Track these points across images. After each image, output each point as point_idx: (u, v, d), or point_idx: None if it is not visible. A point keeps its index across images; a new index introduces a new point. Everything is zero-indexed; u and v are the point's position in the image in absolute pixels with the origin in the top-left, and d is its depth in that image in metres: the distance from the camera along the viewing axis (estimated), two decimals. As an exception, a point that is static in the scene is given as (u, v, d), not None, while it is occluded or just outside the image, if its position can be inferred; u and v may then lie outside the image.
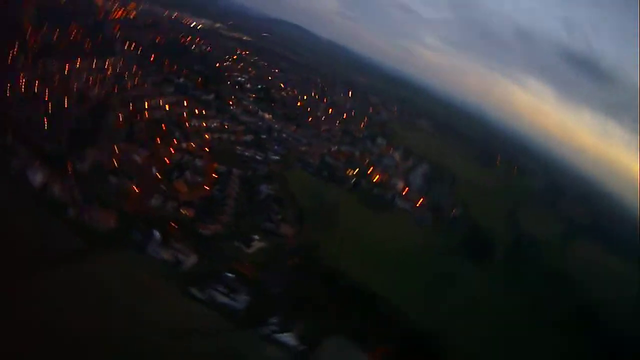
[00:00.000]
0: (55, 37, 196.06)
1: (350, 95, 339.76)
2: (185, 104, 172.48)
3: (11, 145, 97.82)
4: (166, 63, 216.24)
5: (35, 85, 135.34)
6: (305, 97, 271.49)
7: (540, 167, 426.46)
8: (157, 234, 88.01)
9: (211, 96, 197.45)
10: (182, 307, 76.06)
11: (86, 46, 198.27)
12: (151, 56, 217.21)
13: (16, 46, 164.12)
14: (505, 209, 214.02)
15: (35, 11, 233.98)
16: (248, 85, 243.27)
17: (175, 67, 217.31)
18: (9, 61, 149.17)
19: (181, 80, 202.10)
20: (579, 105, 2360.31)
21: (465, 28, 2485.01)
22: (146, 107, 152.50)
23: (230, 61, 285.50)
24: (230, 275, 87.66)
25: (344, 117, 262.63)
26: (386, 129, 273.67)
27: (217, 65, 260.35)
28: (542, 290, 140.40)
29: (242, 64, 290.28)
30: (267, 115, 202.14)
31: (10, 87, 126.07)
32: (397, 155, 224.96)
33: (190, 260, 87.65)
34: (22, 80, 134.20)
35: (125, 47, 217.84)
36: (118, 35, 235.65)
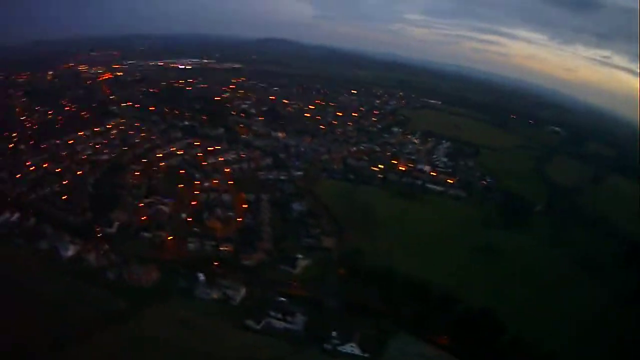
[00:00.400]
0: (49, 116, 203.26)
1: (354, 92, 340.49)
2: (197, 144, 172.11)
3: (35, 227, 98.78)
4: (167, 111, 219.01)
5: (44, 165, 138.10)
6: (311, 107, 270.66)
7: (553, 113, 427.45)
8: (201, 276, 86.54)
9: (220, 130, 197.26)
10: (242, 341, 73.40)
11: (84, 116, 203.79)
12: (151, 108, 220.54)
13: (15, 135, 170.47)
14: (531, 166, 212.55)
15: (25, 96, 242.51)
16: (253, 110, 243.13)
17: (177, 112, 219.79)
18: (12, 150, 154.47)
19: (186, 123, 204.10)
20: (572, 43, 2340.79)
21: None
22: (160, 157, 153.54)
23: (229, 92, 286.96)
24: (282, 299, 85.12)
25: (355, 115, 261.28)
26: (398, 117, 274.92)
27: (218, 99, 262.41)
28: (588, 242, 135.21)
29: (241, 91, 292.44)
30: (280, 134, 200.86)
31: (20, 174, 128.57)
32: (416, 140, 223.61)
33: (240, 293, 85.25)
34: (30, 165, 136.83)
35: (122, 106, 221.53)
36: (112, 97, 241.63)
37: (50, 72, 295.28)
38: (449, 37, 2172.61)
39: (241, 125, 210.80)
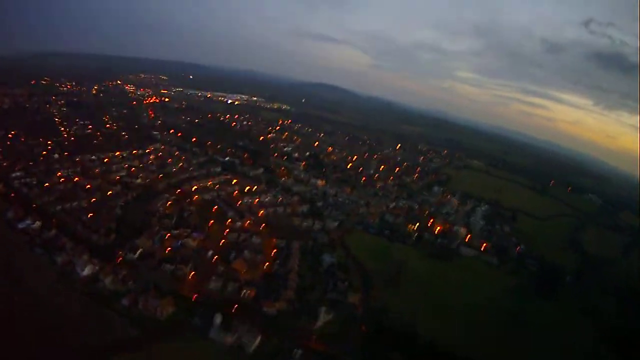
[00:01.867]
0: (89, 130, 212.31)
1: (398, 147, 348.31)
2: (234, 182, 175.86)
3: (56, 238, 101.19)
4: (209, 143, 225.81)
5: (75, 179, 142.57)
6: (355, 157, 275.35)
7: (592, 181, 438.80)
8: (218, 317, 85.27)
9: (260, 170, 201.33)
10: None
11: (124, 136, 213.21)
12: (193, 138, 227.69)
13: (50, 144, 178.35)
14: (567, 235, 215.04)
15: (67, 106, 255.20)
16: (296, 154, 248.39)
17: (219, 146, 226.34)
18: (45, 158, 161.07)
19: (227, 158, 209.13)
20: (616, 108, 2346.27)
21: (495, 53, 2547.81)
22: (195, 189, 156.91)
23: (274, 132, 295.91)
24: (299, 351, 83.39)
25: (397, 170, 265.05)
26: (440, 176, 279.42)
27: (262, 138, 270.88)
28: (617, 315, 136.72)
29: (286, 134, 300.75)
30: (319, 182, 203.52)
31: (49, 183, 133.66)
32: (455, 201, 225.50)
33: (255, 341, 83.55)
34: (60, 175, 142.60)
35: (165, 133, 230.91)
36: (155, 121, 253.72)
37: (96, 87, 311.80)
38: (498, 97, 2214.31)
39: (282, 168, 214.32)
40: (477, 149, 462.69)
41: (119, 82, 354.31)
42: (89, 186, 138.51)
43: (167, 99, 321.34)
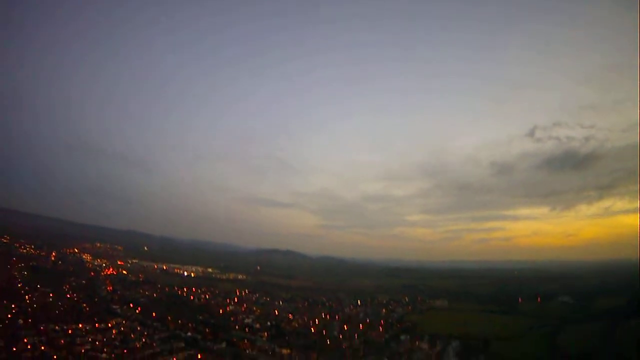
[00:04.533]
0: (50, 298, 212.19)
1: (359, 303, 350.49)
2: (199, 357, 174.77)
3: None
4: (170, 318, 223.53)
5: (42, 347, 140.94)
6: (317, 321, 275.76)
7: (560, 284, 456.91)
8: None
9: (223, 345, 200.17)
10: None
11: (85, 308, 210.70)
12: (153, 313, 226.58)
13: (15, 307, 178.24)
14: (544, 344, 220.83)
15: (28, 270, 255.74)
16: (257, 325, 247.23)
17: (180, 321, 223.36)
18: (10, 321, 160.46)
19: (189, 334, 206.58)
20: (573, 205, 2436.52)
21: (444, 190, 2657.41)
22: None
23: (232, 304, 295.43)
24: None
25: (361, 327, 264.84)
26: (405, 324, 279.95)
27: (221, 311, 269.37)
28: None
29: (245, 305, 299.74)
30: (284, 351, 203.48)
31: (16, 348, 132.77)
32: (424, 345, 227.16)
33: None
34: (27, 342, 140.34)
35: (125, 307, 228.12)
36: (114, 294, 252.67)
37: (54, 253, 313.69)
38: (451, 232, 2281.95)
39: (245, 341, 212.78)
40: (437, 288, 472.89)
41: (76, 250, 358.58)
42: (55, 357, 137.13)
43: (124, 271, 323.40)
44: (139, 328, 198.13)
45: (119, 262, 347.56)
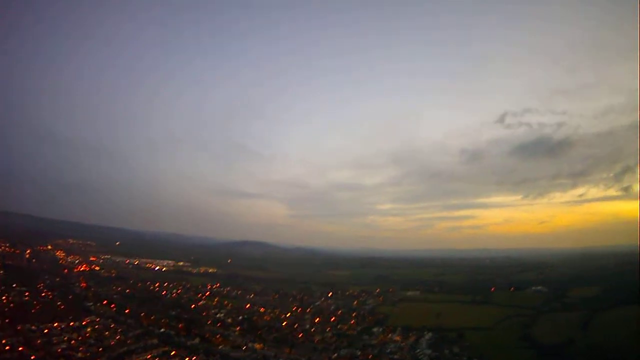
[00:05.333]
0: (26, 298, 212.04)
1: (330, 295, 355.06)
2: (173, 353, 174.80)
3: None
4: (143, 315, 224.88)
5: (20, 348, 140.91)
6: (288, 314, 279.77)
7: (534, 273, 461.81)
8: None
9: (196, 340, 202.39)
10: None
11: (60, 306, 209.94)
12: (126, 310, 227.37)
13: None
14: (519, 335, 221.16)
15: (2, 269, 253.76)
16: (229, 320, 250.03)
17: (153, 317, 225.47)
18: None
19: (162, 330, 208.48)
20: (547, 193, 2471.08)
21: (414, 178, 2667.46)
22: None
23: (204, 299, 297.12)
24: None
25: (332, 320, 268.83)
26: (377, 316, 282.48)
27: (193, 306, 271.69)
28: None
29: (217, 299, 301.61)
30: (257, 346, 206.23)
31: None
32: (397, 337, 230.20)
33: None
34: (5, 343, 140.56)
35: (99, 304, 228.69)
36: (88, 291, 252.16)
37: (29, 251, 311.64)
38: (422, 220, 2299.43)
39: (218, 336, 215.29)
40: (409, 278, 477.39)
41: (49, 247, 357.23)
42: (33, 357, 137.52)
43: (97, 267, 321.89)
44: (112, 325, 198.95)
45: (91, 258, 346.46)
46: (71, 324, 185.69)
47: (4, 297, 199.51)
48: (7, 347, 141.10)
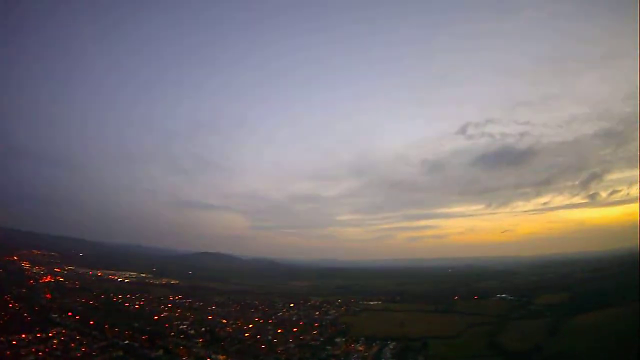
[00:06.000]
0: None
1: (292, 306, 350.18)
2: None
3: None
4: (107, 326, 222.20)
5: None
6: (251, 325, 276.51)
7: (497, 281, 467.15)
8: None
9: (160, 352, 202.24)
10: None
11: (26, 318, 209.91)
12: (91, 322, 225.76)
13: None
14: (484, 343, 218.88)
15: None
16: (192, 331, 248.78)
17: (117, 329, 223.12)
18: None
19: (126, 342, 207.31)
20: (509, 202, 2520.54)
21: (374, 189, 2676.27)
22: None
23: (166, 310, 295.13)
24: None
25: (295, 331, 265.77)
26: (339, 326, 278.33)
27: (156, 318, 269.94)
28: None
29: (179, 310, 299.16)
30: (220, 357, 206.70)
31: None
32: (360, 347, 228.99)
33: None
34: None
35: (64, 316, 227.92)
36: (53, 303, 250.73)
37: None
38: (383, 231, 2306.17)
39: (181, 347, 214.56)
40: (371, 288, 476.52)
41: (15, 257, 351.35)
42: None
43: (61, 279, 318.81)
44: (78, 337, 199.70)
45: (55, 269, 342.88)
46: (38, 335, 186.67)
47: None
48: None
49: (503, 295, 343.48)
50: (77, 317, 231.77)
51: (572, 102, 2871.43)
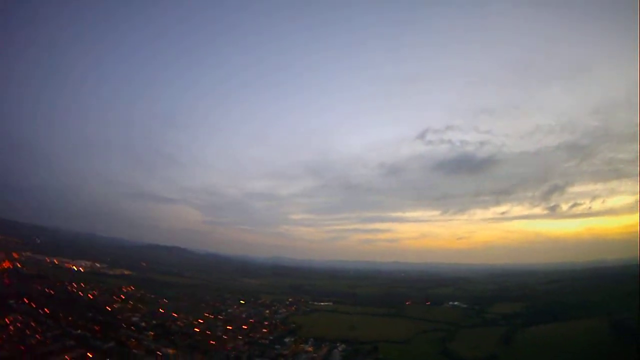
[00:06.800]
0: None
1: (243, 303, 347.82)
2: (90, 356, 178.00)
3: None
4: (61, 315, 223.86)
5: None
6: (201, 321, 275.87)
7: (451, 288, 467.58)
8: None
9: (111, 343, 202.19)
10: None
11: None
12: (46, 309, 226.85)
13: None
14: (436, 349, 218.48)
15: None
16: (143, 324, 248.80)
17: (70, 318, 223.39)
18: None
19: (79, 331, 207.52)
20: (467, 210, 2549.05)
21: (330, 190, 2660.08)
22: None
23: (119, 301, 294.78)
24: None
25: (245, 328, 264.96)
26: (289, 326, 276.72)
27: (109, 308, 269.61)
28: None
29: (131, 302, 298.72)
30: (170, 351, 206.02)
31: None
32: (309, 348, 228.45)
33: None
34: None
35: (20, 302, 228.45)
36: (11, 289, 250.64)
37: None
38: (337, 232, 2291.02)
39: (132, 340, 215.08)
40: (322, 289, 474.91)
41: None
42: None
43: (19, 264, 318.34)
44: (33, 324, 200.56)
45: (14, 255, 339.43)
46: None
47: None
48: None
49: (456, 303, 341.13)
50: (33, 305, 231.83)
51: (537, 112, 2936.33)
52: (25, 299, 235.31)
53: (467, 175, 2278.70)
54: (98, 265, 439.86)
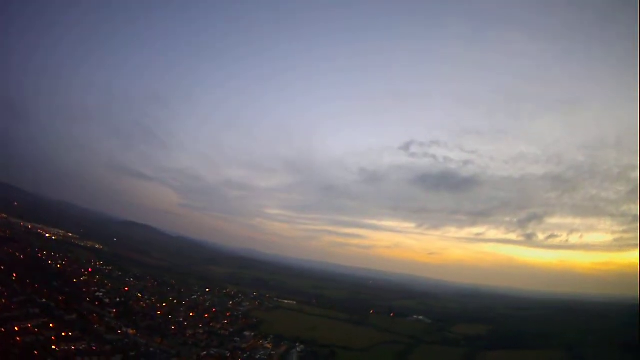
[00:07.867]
0: None
1: (208, 291, 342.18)
2: (51, 326, 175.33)
3: None
4: (28, 281, 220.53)
5: None
6: (164, 304, 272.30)
7: (417, 302, 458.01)
8: None
9: (74, 316, 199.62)
10: None
11: None
12: (14, 274, 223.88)
13: None
14: None
15: None
16: (107, 300, 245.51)
17: (37, 285, 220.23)
18: None
19: (44, 300, 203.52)
20: (442, 226, 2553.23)
21: (306, 188, 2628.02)
22: (16, 330, 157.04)
23: (86, 274, 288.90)
24: None
25: (206, 316, 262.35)
26: (251, 320, 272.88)
27: (75, 280, 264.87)
28: None
29: (98, 277, 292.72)
30: (130, 331, 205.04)
31: None
32: (268, 345, 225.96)
33: None
34: None
35: None
36: None
37: None
38: (309, 231, 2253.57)
39: (94, 315, 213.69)
40: (288, 287, 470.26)
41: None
42: None
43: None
44: (0, 288, 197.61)
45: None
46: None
47: None
48: None
49: (421, 317, 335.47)
50: (2, 267, 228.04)
51: (524, 140, 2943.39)
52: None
53: (447, 192, 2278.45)
54: (70, 235, 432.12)
